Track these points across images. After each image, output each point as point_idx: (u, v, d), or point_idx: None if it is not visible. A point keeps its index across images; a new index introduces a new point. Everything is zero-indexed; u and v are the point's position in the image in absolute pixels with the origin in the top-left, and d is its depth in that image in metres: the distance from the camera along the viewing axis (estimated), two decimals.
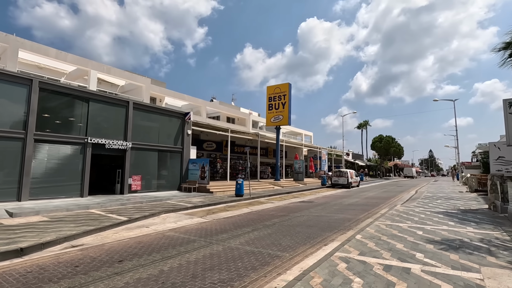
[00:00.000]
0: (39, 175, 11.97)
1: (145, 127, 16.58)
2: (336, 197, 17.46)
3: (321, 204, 13.88)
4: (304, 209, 12.26)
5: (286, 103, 25.82)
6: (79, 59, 18.32)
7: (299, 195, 18.97)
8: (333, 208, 12.44)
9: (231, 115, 36.29)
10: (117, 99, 15.32)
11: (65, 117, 13.12)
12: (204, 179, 17.83)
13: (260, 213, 11.12)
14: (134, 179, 15.54)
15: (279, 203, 14.38)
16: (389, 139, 53.78)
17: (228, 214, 10.96)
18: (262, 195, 17.23)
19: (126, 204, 12.01)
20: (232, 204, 13.87)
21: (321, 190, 23.38)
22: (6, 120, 11.27)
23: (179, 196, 15.09)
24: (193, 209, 12.05)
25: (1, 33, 15.01)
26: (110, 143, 14.29)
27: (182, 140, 18.52)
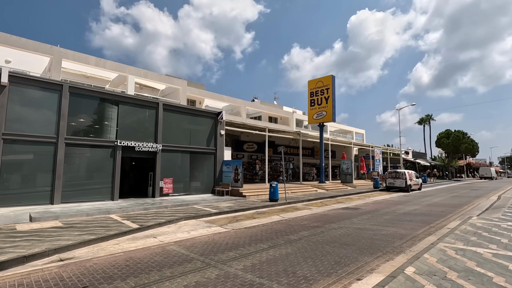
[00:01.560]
0: (70, 179, 12.13)
1: (176, 129, 16.14)
2: (390, 203, 14.71)
3: (369, 212, 11.55)
4: (346, 218, 10.18)
5: (330, 98, 23.40)
6: (117, 65, 18.88)
7: (345, 199, 16.59)
8: (383, 219, 10.08)
9: (273, 114, 34.90)
10: (147, 100, 15.13)
11: (95, 120, 13.21)
12: (238, 182, 16.71)
13: (290, 223, 9.44)
14: (165, 182, 15.13)
15: (318, 210, 12.44)
16: (458, 135, 46.30)
17: (253, 222, 9.54)
18: (300, 199, 15.40)
19: (149, 209, 11.44)
20: (263, 210, 12.40)
21: (373, 194, 20.43)
22: (39, 125, 11.61)
23: (208, 200, 14.18)
24: (217, 215, 10.91)
25: (46, 45, 16.04)
26: (140, 145, 14.06)
27: (215, 141, 17.72)
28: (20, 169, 11.09)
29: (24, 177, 11.13)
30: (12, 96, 10.99)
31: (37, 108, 11.67)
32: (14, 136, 10.93)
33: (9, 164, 10.80)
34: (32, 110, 11.56)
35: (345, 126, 47.74)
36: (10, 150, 10.85)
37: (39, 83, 11.67)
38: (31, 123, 11.50)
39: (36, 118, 11.61)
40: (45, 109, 11.82)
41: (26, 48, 15.55)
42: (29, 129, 11.38)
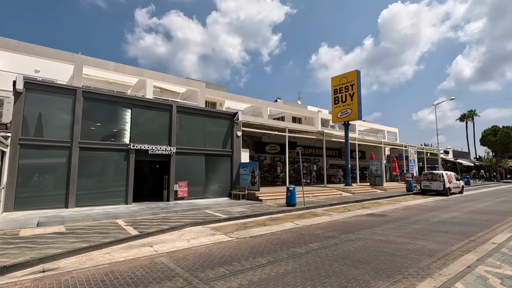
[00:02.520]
0: (84, 183, 12.21)
1: (191, 131, 15.82)
2: (423, 209, 13.05)
3: (396, 220, 10.17)
4: (368, 227, 8.97)
5: (355, 94, 21.83)
6: (135, 70, 19.11)
7: (372, 204, 15.12)
8: (411, 228, 8.72)
9: (296, 114, 33.74)
10: (160, 103, 14.97)
11: (109, 124, 13.25)
12: (255, 185, 15.96)
13: (303, 231, 8.48)
14: (180, 186, 14.83)
15: (338, 216, 11.28)
16: (508, 131, 41.34)
17: (262, 230, 8.73)
18: (321, 204, 14.25)
19: (158, 214, 11.10)
20: (277, 216, 11.51)
21: (405, 198, 18.55)
22: (53, 129, 11.82)
23: (222, 204, 13.59)
24: (226, 221, 10.25)
25: (68, 53, 16.61)
26: (153, 148, 13.90)
27: (231, 142, 17.16)
28: (36, 173, 11.31)
29: (40, 181, 11.35)
30: (28, 102, 11.28)
31: (52, 113, 11.89)
32: (30, 141, 11.19)
33: (26, 168, 11.06)
34: (47, 115, 11.80)
35: (376, 125, 45.03)
36: (26, 154, 11.11)
37: (53, 89, 11.89)
38: (47, 128, 11.73)
39: (51, 123, 11.83)
40: (59, 114, 12.02)
41: (49, 57, 16.20)
42: (45, 134, 11.61)
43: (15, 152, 10.82)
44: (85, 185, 12.23)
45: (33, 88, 11.41)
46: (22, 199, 10.88)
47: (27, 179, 11.07)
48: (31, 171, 11.19)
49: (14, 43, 15.03)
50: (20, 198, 10.82)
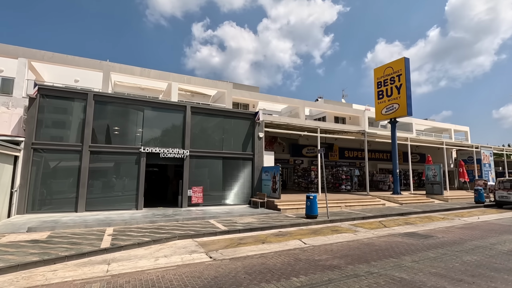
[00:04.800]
0: (95, 187, 12.09)
1: (206, 133, 14.89)
2: (490, 230, 9.72)
3: (443, 245, 7.45)
4: (394, 255, 6.60)
5: (403, 86, 18.45)
6: (160, 74, 19.09)
7: (420, 219, 12.06)
8: (460, 261, 6.08)
9: (339, 114, 30.68)
10: (173, 104, 14.35)
11: (120, 127, 13.03)
12: (275, 192, 14.22)
13: (302, 255, 6.58)
14: (194, 191, 13.93)
15: (365, 234, 8.93)
16: None
17: (254, 250, 7.10)
18: (351, 217, 11.83)
19: (156, 222, 10.23)
20: (287, 230, 9.65)
21: (470, 212, 14.66)
22: (65, 133, 11.97)
23: (235, 213, 12.21)
24: (222, 235, 8.84)
25: (96, 60, 17.26)
26: (165, 151, 13.28)
27: (252, 144, 15.73)
28: (48, 177, 11.49)
29: (51, 185, 11.50)
30: (41, 107, 11.58)
31: (64, 118, 12.07)
32: (43, 145, 11.43)
33: (38, 172, 11.29)
34: (59, 120, 12.01)
35: (439, 123, 38.84)
36: (39, 158, 11.36)
37: (65, 93, 12.07)
38: (58, 132, 11.93)
39: (62, 127, 12.01)
40: (71, 118, 12.15)
41: (80, 66, 17.02)
42: (57, 138, 11.80)
43: (28, 156, 11.12)
44: (95, 190, 12.10)
45: (46, 94, 11.70)
46: (34, 202, 11.10)
47: (39, 182, 11.29)
48: (43, 175, 11.39)
49: (48, 55, 16.10)
50: (32, 201, 11.05)
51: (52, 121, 11.92)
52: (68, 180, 11.74)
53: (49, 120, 11.83)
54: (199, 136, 14.57)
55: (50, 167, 11.58)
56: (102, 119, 12.63)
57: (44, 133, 11.61)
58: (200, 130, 14.70)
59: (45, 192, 11.32)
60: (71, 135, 12.03)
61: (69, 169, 11.80)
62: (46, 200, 11.30)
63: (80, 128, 12.09)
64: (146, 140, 13.24)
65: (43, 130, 11.63)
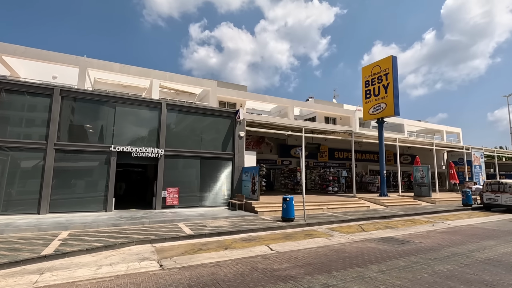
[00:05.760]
0: (60, 187, 11.41)
1: (184, 131, 14.27)
2: (473, 235, 9.21)
3: (418, 252, 6.91)
4: (362, 263, 6.04)
5: (390, 85, 17.99)
6: (141, 70, 18.47)
7: (402, 223, 11.53)
8: (431, 272, 5.53)
9: (330, 114, 30.24)
10: (147, 101, 13.71)
11: (89, 124, 12.37)
12: (254, 193, 13.64)
13: (261, 264, 6.00)
14: (169, 192, 13.30)
15: (339, 240, 8.37)
16: None
17: (212, 257, 6.52)
18: (330, 220, 11.27)
19: (119, 225, 9.59)
20: (258, 234, 9.07)
21: (456, 215, 14.17)
22: (29, 131, 11.30)
23: (208, 215, 11.60)
24: (187, 240, 8.25)
25: (72, 56, 16.60)
26: (137, 151, 12.65)
27: (233, 144, 15.14)
28: (10, 177, 10.79)
29: (13, 185, 10.79)
30: (4, 103, 10.90)
31: (28, 114, 11.39)
32: (7, 143, 10.74)
33: (3, 172, 10.60)
34: (23, 116, 11.33)
35: (432, 125, 38.56)
36: (4, 157, 10.67)
37: (29, 88, 11.39)
38: (22, 129, 11.26)
39: (26, 124, 11.34)
40: (35, 115, 11.48)
41: (55, 61, 16.36)
42: (19, 136, 11.13)
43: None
44: (60, 190, 11.42)
45: (9, 89, 11.02)
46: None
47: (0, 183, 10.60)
48: (3, 175, 10.70)
49: (21, 49, 15.43)
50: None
51: (15, 118, 11.23)
52: (31, 180, 11.05)
53: (12, 117, 11.14)
54: (176, 134, 13.96)
55: (13, 166, 10.88)
56: (69, 116, 11.97)
57: (4, 131, 10.92)
58: (177, 129, 14.10)
59: (6, 193, 10.62)
60: (36, 133, 11.36)
61: (33, 168, 11.12)
62: (7, 201, 10.60)
63: (45, 125, 11.42)
64: (118, 139, 12.60)
65: (4, 127, 10.93)
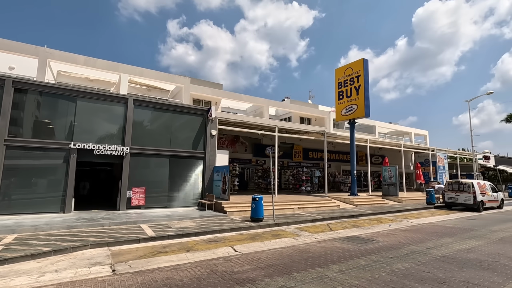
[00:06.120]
0: (12, 187, 10.49)
1: (152, 129, 13.70)
2: (433, 233, 9.56)
3: (379, 251, 7.00)
4: (324, 263, 5.99)
5: (362, 87, 18.43)
6: (109, 64, 17.56)
7: (368, 222, 11.78)
8: (389, 270, 5.58)
9: (305, 114, 30.57)
10: (112, 96, 13.03)
11: (47, 119, 11.51)
12: (225, 193, 13.37)
13: (222, 266, 5.76)
14: (135, 192, 12.69)
15: (306, 239, 8.33)
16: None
17: (171, 260, 6.19)
18: (299, 219, 11.26)
19: (75, 227, 8.95)
20: (225, 235, 8.82)
21: (420, 213, 14.76)
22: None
23: (175, 216, 11.17)
24: (146, 242, 7.82)
25: (31, 45, 15.41)
26: (100, 148, 11.93)
27: (204, 142, 14.76)
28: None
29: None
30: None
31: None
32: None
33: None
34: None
35: (401, 127, 40.25)
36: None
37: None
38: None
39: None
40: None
41: (11, 50, 15.11)
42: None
43: None
44: (12, 190, 10.50)
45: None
46: None
47: None
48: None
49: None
50: None
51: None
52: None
53: None
54: (144, 132, 13.36)
55: None
56: (23, 110, 11.05)
57: None
58: (145, 126, 13.50)
59: None
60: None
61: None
62: None
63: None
64: (79, 135, 11.81)
65: None
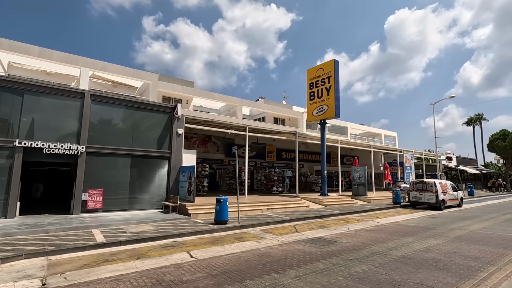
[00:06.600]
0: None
1: (112, 126, 12.82)
2: (395, 232, 9.63)
3: (341, 253, 6.82)
4: (280, 269, 5.68)
5: (332, 88, 18.57)
6: (67, 56, 16.30)
7: (335, 222, 11.73)
8: (346, 274, 5.39)
9: (279, 115, 30.50)
10: (66, 90, 12.01)
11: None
12: (191, 195, 12.79)
13: (167, 277, 5.26)
14: (91, 194, 11.76)
15: (269, 242, 8.01)
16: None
17: (114, 271, 5.59)
18: (266, 221, 10.96)
19: (14, 234, 8.01)
20: (184, 240, 8.29)
21: (386, 213, 15.06)
22: None
23: (134, 220, 10.44)
24: (92, 250, 7.12)
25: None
26: (51, 147, 10.90)
27: (170, 142, 14.06)
28: None
29: None
30: None
31: None
32: None
33: None
34: None
35: (372, 128, 41.54)
36: None
37: None
38: None
39: None
40: None
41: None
42: None
43: None
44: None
45: None
46: None
47: None
48: None
49: None
50: None
51: None
52: None
53: None
54: (102, 129, 12.45)
55: None
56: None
57: None
58: (104, 123, 12.58)
59: None
60: None
61: None
62: None
63: None
64: (26, 132, 10.72)
65: None
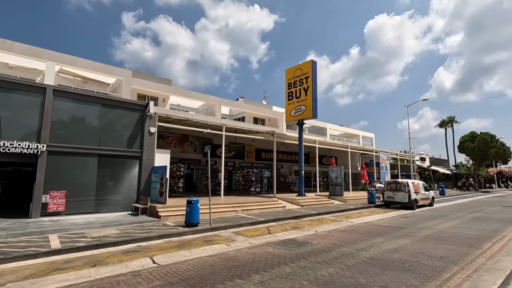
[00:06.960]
0: None
1: (77, 124, 12.06)
2: (367, 233, 9.66)
3: (310, 255, 6.67)
4: (244, 275, 5.43)
5: (310, 88, 18.61)
6: (30, 49, 15.24)
7: (310, 223, 11.66)
8: (311, 279, 5.22)
9: (259, 115, 30.35)
10: (24, 84, 11.16)
11: None
12: (162, 196, 12.29)
13: (121, 286, 4.86)
14: (53, 196, 10.99)
15: (240, 245, 7.74)
16: (486, 137, 39.22)
17: (62, 281, 5.12)
18: (239, 223, 10.68)
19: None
20: (150, 244, 7.85)
21: (360, 212, 15.22)
22: None
23: (98, 223, 9.82)
24: (44, 257, 6.58)
25: None
26: (7, 145, 10.07)
27: (141, 141, 13.46)
28: None
29: None
30: None
31: None
32: None
33: None
34: None
35: (351, 129, 42.37)
36: None
37: None
38: None
39: None
40: None
41: None
42: None
43: None
44: None
45: None
46: None
47: None
48: None
49: None
50: None
51: None
52: None
53: None
54: (66, 127, 11.69)
55: None
56: None
57: None
58: (68, 120, 11.82)
59: None
60: None
61: None
62: None
63: None
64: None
65: None
